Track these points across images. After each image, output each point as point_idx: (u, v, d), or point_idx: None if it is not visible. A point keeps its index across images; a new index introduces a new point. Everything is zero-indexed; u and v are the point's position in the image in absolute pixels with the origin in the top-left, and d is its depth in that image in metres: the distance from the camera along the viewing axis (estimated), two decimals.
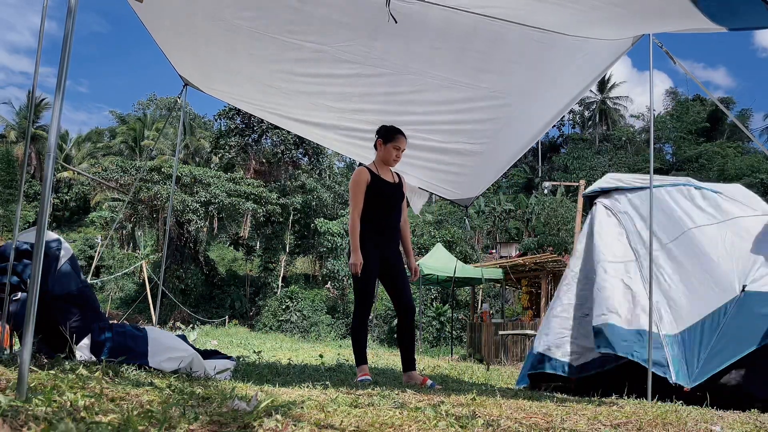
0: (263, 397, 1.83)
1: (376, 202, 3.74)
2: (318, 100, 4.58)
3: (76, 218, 43.09)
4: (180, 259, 26.16)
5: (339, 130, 5.08)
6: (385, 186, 3.78)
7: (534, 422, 1.84)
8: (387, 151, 3.79)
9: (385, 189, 3.78)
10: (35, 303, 1.56)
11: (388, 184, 3.81)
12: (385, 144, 3.79)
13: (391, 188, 3.83)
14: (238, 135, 30.16)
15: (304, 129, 5.48)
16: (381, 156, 3.83)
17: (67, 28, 1.71)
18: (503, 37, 3.50)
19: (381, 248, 3.72)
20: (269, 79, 4.49)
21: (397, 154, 3.81)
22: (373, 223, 3.75)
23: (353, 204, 3.73)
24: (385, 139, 3.80)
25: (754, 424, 2.37)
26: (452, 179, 5.42)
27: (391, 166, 3.88)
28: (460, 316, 22.71)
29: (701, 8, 2.69)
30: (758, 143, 4.42)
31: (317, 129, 5.32)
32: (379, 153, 3.83)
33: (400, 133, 3.81)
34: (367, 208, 3.73)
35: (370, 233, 3.72)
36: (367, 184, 3.73)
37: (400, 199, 3.87)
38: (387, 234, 3.79)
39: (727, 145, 43.65)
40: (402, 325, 3.76)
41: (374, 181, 3.75)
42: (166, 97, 45.93)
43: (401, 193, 3.89)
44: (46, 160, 1.67)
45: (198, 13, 3.76)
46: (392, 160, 3.82)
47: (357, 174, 3.77)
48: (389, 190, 3.80)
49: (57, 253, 2.72)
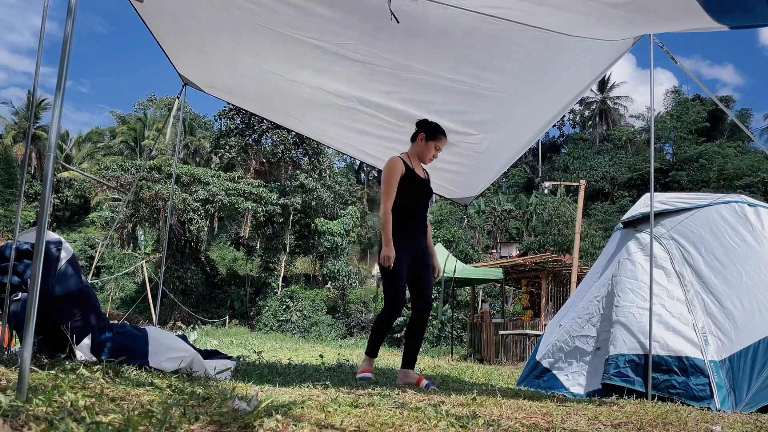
0: (263, 397, 1.83)
1: (408, 196, 3.62)
2: (318, 96, 4.59)
3: (76, 218, 43.11)
4: (180, 259, 26.15)
5: (339, 129, 5.08)
6: (417, 180, 3.68)
7: (534, 422, 1.84)
8: (427, 148, 3.72)
9: (417, 183, 3.68)
10: (35, 303, 1.56)
11: (421, 179, 3.72)
12: (428, 141, 3.71)
13: (424, 184, 3.74)
14: (238, 135, 30.17)
15: (304, 127, 5.48)
16: (419, 151, 3.74)
17: (67, 28, 1.71)
18: (504, 37, 3.50)
19: (411, 244, 3.62)
20: (270, 74, 4.49)
21: (435, 153, 3.75)
22: (404, 218, 3.63)
23: (387, 194, 3.59)
24: (428, 135, 3.72)
25: (755, 424, 2.37)
26: (452, 178, 5.42)
27: (425, 164, 3.80)
28: (461, 316, 22.69)
29: (705, 6, 2.68)
30: (758, 143, 4.39)
31: (317, 126, 5.33)
32: (418, 147, 3.74)
33: (444, 134, 3.76)
34: (398, 201, 3.60)
35: (401, 228, 3.59)
36: (402, 175, 3.61)
37: (429, 195, 3.80)
38: (416, 229, 3.68)
39: (727, 145, 43.59)
40: (415, 320, 3.65)
41: (408, 173, 3.64)
42: (166, 97, 45.95)
43: (431, 189, 3.83)
44: (46, 160, 1.67)
45: (202, 2, 3.75)
46: (429, 158, 3.75)
47: (392, 164, 3.63)
48: (422, 185, 3.71)
49: (57, 253, 2.72)
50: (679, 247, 4.04)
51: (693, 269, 3.88)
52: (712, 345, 3.52)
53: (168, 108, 41.88)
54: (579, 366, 4.14)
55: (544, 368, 4.39)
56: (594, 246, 28.95)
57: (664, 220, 4.22)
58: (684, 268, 3.92)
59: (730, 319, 3.58)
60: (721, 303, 3.66)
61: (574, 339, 4.29)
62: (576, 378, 4.11)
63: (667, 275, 3.95)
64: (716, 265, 3.83)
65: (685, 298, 3.78)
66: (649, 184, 3.80)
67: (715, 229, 3.98)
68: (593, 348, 4.11)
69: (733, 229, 3.93)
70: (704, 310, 3.67)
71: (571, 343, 4.29)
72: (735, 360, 3.41)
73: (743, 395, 3.26)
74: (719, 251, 3.88)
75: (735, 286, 3.70)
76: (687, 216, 4.15)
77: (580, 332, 4.27)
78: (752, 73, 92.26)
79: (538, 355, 4.57)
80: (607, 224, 36.06)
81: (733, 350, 3.44)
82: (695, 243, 3.98)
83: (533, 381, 4.40)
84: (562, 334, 4.43)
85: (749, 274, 3.70)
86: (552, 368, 4.30)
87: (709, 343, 3.53)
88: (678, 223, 4.16)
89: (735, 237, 3.88)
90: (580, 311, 4.42)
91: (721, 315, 3.62)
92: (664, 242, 4.11)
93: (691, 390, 3.39)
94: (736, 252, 3.83)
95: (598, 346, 4.07)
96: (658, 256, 4.03)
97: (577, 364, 4.16)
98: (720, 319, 3.60)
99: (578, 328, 4.31)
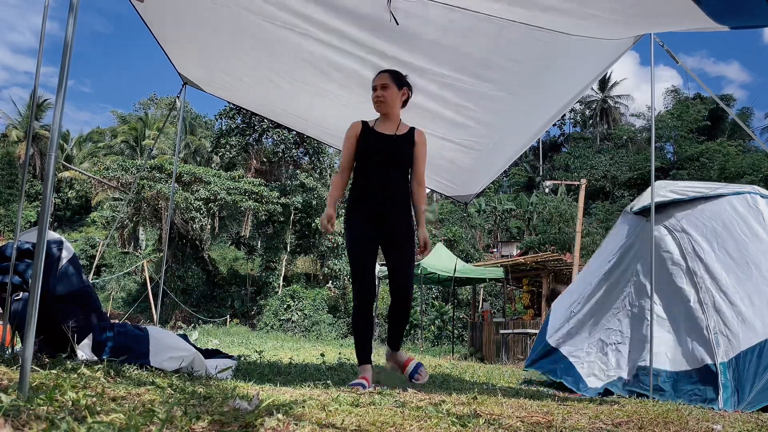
0: (264, 397, 1.83)
1: (363, 156, 3.17)
2: (319, 94, 4.59)
3: (77, 218, 43.15)
4: (181, 259, 26.17)
5: (340, 127, 5.08)
6: (377, 140, 3.17)
7: (535, 421, 1.84)
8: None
9: (376, 143, 3.16)
10: (37, 303, 1.56)
11: (384, 137, 3.18)
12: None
13: (387, 142, 3.17)
14: (238, 134, 30.17)
15: (305, 126, 5.49)
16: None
17: (68, 25, 1.71)
18: (504, 36, 3.50)
19: (377, 217, 3.13)
20: (270, 73, 4.49)
21: (375, 95, 3.21)
22: (359, 180, 3.19)
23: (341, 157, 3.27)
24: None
25: (756, 423, 2.37)
26: (452, 176, 5.42)
27: (380, 112, 3.25)
28: (461, 315, 22.71)
29: (703, 7, 2.68)
30: (759, 141, 4.37)
31: (317, 125, 5.33)
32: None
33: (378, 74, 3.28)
34: (358, 167, 3.21)
35: (360, 199, 3.17)
36: (356, 137, 3.19)
37: (400, 155, 3.18)
38: (382, 199, 3.14)
39: (728, 144, 43.56)
40: (392, 303, 3.22)
41: (365, 133, 3.19)
42: (167, 97, 46.01)
43: (404, 148, 3.19)
44: (47, 160, 1.67)
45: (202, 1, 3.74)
46: (374, 102, 3.23)
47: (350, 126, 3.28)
48: (382, 145, 3.16)
49: (58, 253, 2.72)
50: (691, 240, 3.96)
51: (704, 264, 3.82)
52: (722, 345, 3.50)
53: (169, 108, 41.91)
54: (598, 357, 4.12)
55: (561, 355, 4.35)
56: (595, 244, 28.94)
57: (676, 212, 4.13)
58: (696, 264, 3.86)
59: (738, 317, 3.54)
60: (730, 300, 3.62)
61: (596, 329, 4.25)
62: (592, 368, 4.10)
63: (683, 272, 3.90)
64: (728, 261, 3.77)
65: (698, 297, 3.74)
66: (650, 184, 3.79)
67: (727, 222, 3.90)
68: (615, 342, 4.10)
69: (745, 222, 3.87)
70: (714, 307, 3.63)
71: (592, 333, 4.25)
72: (741, 358, 3.38)
73: (746, 394, 3.24)
74: (731, 246, 3.81)
75: (745, 282, 3.66)
76: (699, 207, 4.06)
77: (606, 325, 4.22)
78: (759, 71, 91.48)
79: (551, 338, 4.54)
80: (608, 223, 36.03)
81: (740, 349, 3.42)
82: (707, 237, 3.91)
83: (547, 365, 4.36)
84: (580, 322, 4.38)
85: (760, 270, 3.66)
86: (569, 356, 4.28)
87: (719, 343, 3.50)
88: (690, 215, 4.06)
89: (747, 230, 3.82)
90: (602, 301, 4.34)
91: (730, 312, 3.58)
92: (677, 235, 4.03)
93: (704, 394, 3.40)
94: (747, 247, 3.77)
95: (620, 341, 4.06)
96: (674, 253, 3.97)
97: (596, 354, 4.15)
98: (729, 317, 3.57)
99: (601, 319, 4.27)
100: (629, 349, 3.97)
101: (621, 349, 4.02)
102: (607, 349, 4.11)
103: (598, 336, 4.22)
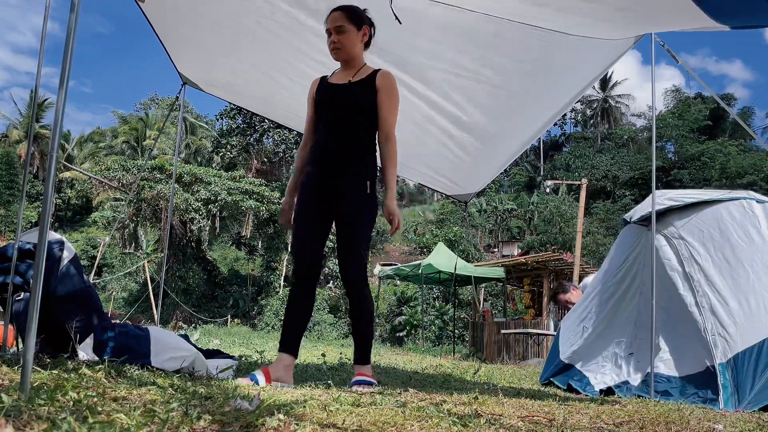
0: (265, 397, 1.83)
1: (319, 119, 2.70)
2: None
3: (78, 218, 43.19)
4: (182, 259, 26.20)
5: None
6: (329, 91, 2.68)
7: (536, 421, 1.84)
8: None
9: (327, 94, 2.68)
10: (38, 303, 1.57)
11: (336, 87, 2.68)
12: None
13: (338, 91, 2.66)
14: (239, 134, 30.21)
15: (302, 123, 5.48)
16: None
17: (69, 24, 1.71)
18: (505, 35, 3.50)
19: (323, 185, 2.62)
20: (271, 72, 4.49)
21: (330, 40, 2.70)
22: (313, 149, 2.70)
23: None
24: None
25: (757, 422, 2.36)
26: (452, 174, 5.43)
27: (338, 60, 2.75)
28: (462, 315, 22.71)
29: (703, 7, 2.68)
30: (760, 141, 4.38)
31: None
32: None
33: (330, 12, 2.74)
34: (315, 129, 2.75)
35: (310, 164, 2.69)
36: (313, 97, 2.76)
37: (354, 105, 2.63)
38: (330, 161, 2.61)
39: (729, 143, 43.55)
40: (349, 301, 2.68)
41: (319, 89, 2.74)
42: (168, 97, 46.05)
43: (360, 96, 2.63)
44: (48, 160, 1.67)
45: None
46: (330, 50, 2.73)
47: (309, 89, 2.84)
48: (334, 97, 2.66)
49: (59, 253, 2.73)
50: (688, 246, 4.02)
51: (701, 268, 3.88)
52: (720, 347, 3.53)
53: (169, 107, 41.92)
54: (613, 369, 4.20)
55: (576, 370, 4.45)
56: (596, 243, 28.97)
57: (674, 219, 4.20)
58: (693, 268, 3.91)
59: (735, 318, 3.58)
60: (726, 302, 3.67)
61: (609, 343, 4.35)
62: (603, 378, 4.17)
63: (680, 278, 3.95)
64: (724, 265, 3.83)
65: (695, 300, 3.78)
66: (650, 183, 3.80)
67: (723, 228, 3.97)
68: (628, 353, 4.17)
69: (740, 227, 3.92)
70: (711, 310, 3.68)
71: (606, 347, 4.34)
72: (739, 359, 3.42)
73: (746, 394, 3.26)
74: (728, 250, 3.87)
75: (742, 285, 3.70)
76: (696, 213, 4.13)
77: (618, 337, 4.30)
78: (762, 69, 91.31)
79: (564, 354, 4.60)
80: (609, 223, 36.08)
81: (738, 349, 3.45)
82: (704, 242, 3.98)
83: (563, 380, 4.45)
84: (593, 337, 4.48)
85: (756, 273, 3.71)
86: (584, 370, 4.36)
87: (717, 345, 3.54)
88: (687, 222, 4.13)
89: (743, 235, 3.88)
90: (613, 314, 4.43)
91: (727, 314, 3.63)
92: (674, 242, 4.10)
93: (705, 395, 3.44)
94: (743, 251, 3.83)
95: (631, 351, 4.13)
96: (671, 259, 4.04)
97: (611, 368, 4.22)
98: (726, 318, 3.61)
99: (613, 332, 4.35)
100: (638, 358, 4.03)
101: (632, 358, 4.07)
102: (621, 361, 4.17)
103: (613, 349, 4.29)
